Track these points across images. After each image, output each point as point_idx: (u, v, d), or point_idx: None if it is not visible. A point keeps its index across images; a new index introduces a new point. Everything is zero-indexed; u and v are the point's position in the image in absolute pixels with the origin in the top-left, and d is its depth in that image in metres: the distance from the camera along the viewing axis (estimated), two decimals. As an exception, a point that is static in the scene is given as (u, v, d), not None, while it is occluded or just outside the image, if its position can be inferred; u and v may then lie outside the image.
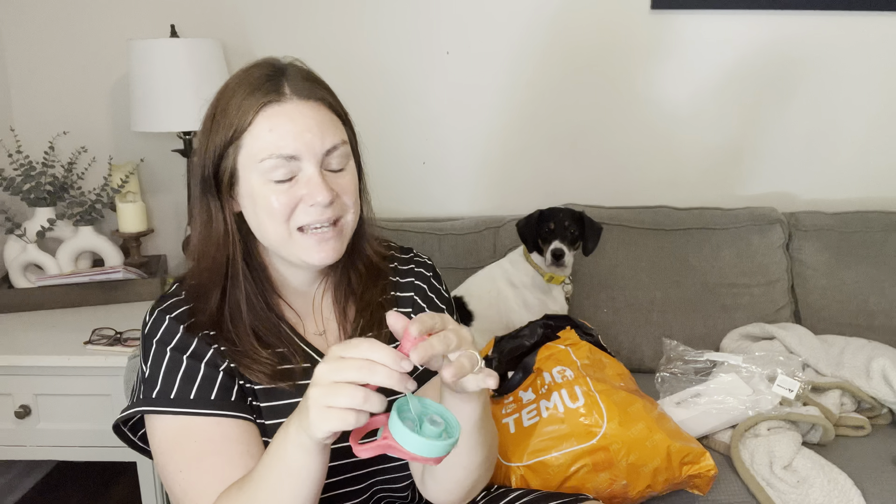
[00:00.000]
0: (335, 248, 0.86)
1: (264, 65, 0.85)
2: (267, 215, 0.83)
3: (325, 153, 0.83)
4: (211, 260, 0.87)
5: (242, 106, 0.82)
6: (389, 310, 0.74)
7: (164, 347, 0.85)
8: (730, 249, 1.87)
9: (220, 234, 0.86)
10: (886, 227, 1.89)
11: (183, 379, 0.83)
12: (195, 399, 0.82)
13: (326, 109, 0.84)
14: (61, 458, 1.61)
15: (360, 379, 0.63)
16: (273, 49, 1.92)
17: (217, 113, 0.84)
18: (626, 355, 1.79)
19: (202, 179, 0.86)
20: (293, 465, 0.70)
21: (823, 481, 1.28)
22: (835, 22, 1.93)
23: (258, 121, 0.81)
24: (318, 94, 0.84)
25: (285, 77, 0.84)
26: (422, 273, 1.02)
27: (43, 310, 1.77)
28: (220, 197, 0.86)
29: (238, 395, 0.85)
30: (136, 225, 1.91)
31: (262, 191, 0.82)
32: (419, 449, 0.63)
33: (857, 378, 1.53)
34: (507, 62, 1.98)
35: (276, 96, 0.82)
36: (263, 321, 0.88)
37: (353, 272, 0.95)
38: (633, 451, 1.20)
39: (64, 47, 1.95)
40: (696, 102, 2.00)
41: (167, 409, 0.82)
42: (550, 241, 1.68)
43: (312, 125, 0.82)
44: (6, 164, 1.87)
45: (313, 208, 0.82)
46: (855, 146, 2.04)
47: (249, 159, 0.82)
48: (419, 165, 2.07)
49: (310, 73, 0.87)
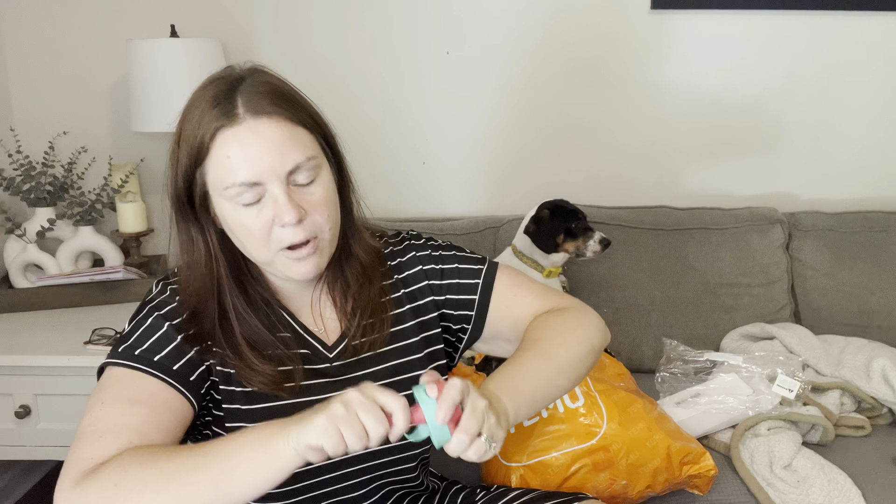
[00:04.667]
0: (315, 264, 0.84)
1: (219, 80, 0.81)
2: (245, 238, 0.82)
3: (289, 173, 0.79)
4: (199, 282, 0.86)
5: (199, 130, 0.79)
6: (391, 310, 0.76)
7: (151, 311, 0.85)
8: (730, 249, 1.87)
9: (203, 257, 0.86)
10: (886, 227, 1.89)
11: (155, 341, 0.82)
12: (157, 362, 0.81)
13: (286, 123, 0.80)
14: (61, 458, 1.59)
15: (371, 430, 0.67)
16: (273, 49, 1.95)
17: (181, 136, 0.81)
18: (626, 355, 1.79)
19: (176, 203, 0.84)
20: (254, 465, 0.68)
21: (823, 481, 1.28)
22: (835, 22, 1.93)
23: (214, 148, 0.79)
24: (274, 107, 0.79)
25: (239, 93, 0.79)
26: (424, 255, 1.00)
27: (43, 310, 1.77)
28: (199, 218, 0.85)
29: (197, 378, 0.83)
30: (136, 225, 1.91)
31: (234, 215, 0.81)
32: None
33: (857, 378, 1.53)
34: (506, 62, 1.98)
35: (228, 120, 0.78)
36: (257, 332, 0.88)
37: (349, 272, 0.94)
38: (633, 451, 1.20)
39: (64, 47, 1.95)
40: (695, 102, 2.00)
41: (129, 362, 0.81)
42: (587, 233, 1.69)
43: (270, 147, 0.78)
44: (6, 164, 1.87)
45: (286, 228, 0.80)
46: (855, 146, 2.04)
47: (215, 185, 0.81)
48: (419, 165, 2.07)
49: (267, 84, 0.81)
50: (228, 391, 0.87)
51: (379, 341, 0.93)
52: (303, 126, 0.82)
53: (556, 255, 1.71)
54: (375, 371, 0.93)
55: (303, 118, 0.82)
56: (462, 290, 0.98)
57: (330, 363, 0.92)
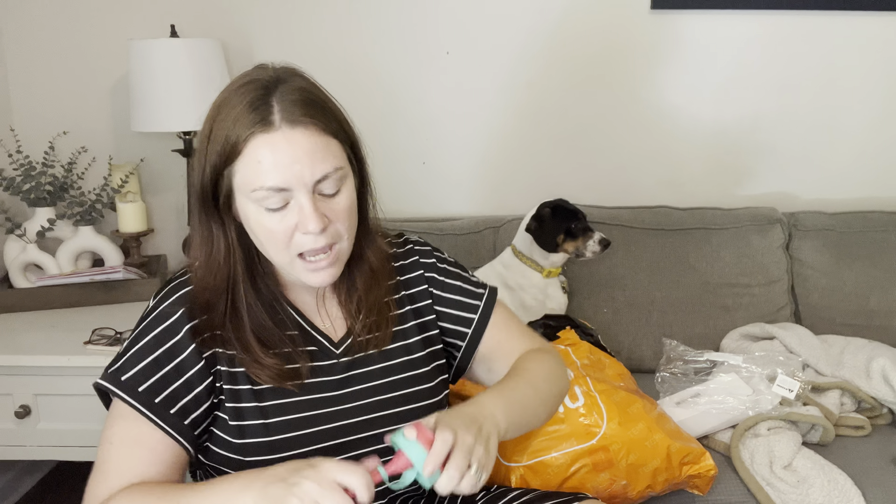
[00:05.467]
0: (331, 274, 0.87)
1: (256, 81, 0.82)
2: (266, 241, 0.85)
3: (317, 182, 0.81)
4: (214, 279, 0.88)
5: (233, 132, 0.80)
6: (394, 310, 0.84)
7: (161, 341, 0.86)
8: (730, 249, 1.87)
9: (222, 254, 0.88)
10: (886, 227, 1.89)
11: (159, 380, 0.85)
12: (158, 405, 0.84)
13: (319, 133, 0.81)
14: (61, 458, 1.61)
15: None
16: (273, 49, 1.95)
17: (211, 134, 0.83)
18: (626, 355, 1.79)
19: (200, 198, 0.86)
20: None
21: (823, 481, 1.28)
22: (835, 22, 1.93)
23: (247, 151, 0.80)
24: (309, 117, 0.81)
25: (275, 98, 0.80)
26: (428, 262, 1.03)
27: (43, 310, 1.77)
28: (220, 214, 0.86)
29: (193, 420, 0.86)
30: (136, 225, 1.91)
31: (257, 217, 0.83)
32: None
33: (857, 378, 1.53)
34: (506, 62, 1.98)
35: (263, 126, 0.79)
36: (266, 327, 0.90)
37: (357, 274, 0.96)
38: (632, 451, 1.20)
39: (64, 47, 1.95)
40: (695, 102, 2.00)
41: (132, 400, 0.84)
42: (587, 233, 1.70)
43: (302, 155, 0.80)
44: (6, 164, 1.87)
45: (307, 235, 0.83)
46: (855, 146, 2.04)
47: (243, 186, 0.82)
48: (419, 165, 2.07)
49: (303, 91, 0.83)
50: (235, 391, 0.88)
51: (382, 340, 0.96)
52: (334, 136, 0.84)
53: (556, 255, 1.71)
54: (381, 368, 0.95)
55: (334, 128, 0.84)
56: (462, 308, 1.02)
57: (337, 359, 0.94)
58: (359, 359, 0.94)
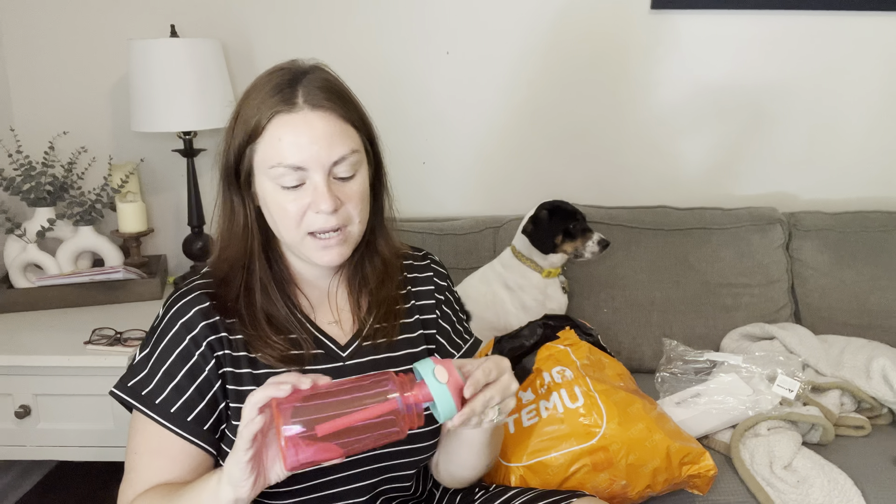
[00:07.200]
0: (340, 253, 0.90)
1: (285, 70, 0.88)
2: (279, 218, 0.88)
3: (333, 164, 0.85)
4: (233, 250, 0.92)
5: (258, 111, 0.85)
6: (402, 318, 0.91)
7: (172, 348, 0.89)
8: (730, 249, 1.87)
9: (241, 227, 0.92)
10: (886, 227, 1.89)
11: (173, 390, 0.88)
12: (174, 414, 0.88)
13: (337, 119, 0.86)
14: (61, 458, 1.61)
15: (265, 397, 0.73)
16: (273, 49, 1.94)
17: (239, 112, 0.88)
18: (626, 355, 1.79)
19: (225, 173, 0.90)
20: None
21: (823, 481, 1.28)
22: (835, 22, 1.93)
23: (269, 129, 0.85)
24: (330, 103, 0.86)
25: (301, 84, 0.86)
26: (442, 284, 1.07)
27: (43, 310, 1.77)
28: (242, 192, 0.91)
29: (212, 424, 0.89)
30: (136, 225, 1.91)
31: (273, 195, 0.87)
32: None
33: (857, 378, 1.53)
34: (506, 62, 1.98)
35: (287, 106, 0.84)
36: (277, 308, 0.92)
37: (368, 266, 0.99)
38: (632, 451, 1.20)
39: (64, 47, 1.96)
40: (695, 102, 2.00)
41: (150, 413, 0.88)
42: (586, 234, 1.70)
43: (320, 136, 0.84)
44: (6, 164, 1.87)
45: (319, 215, 0.86)
46: (855, 146, 2.04)
47: (262, 163, 0.86)
48: (419, 165, 2.07)
49: (327, 81, 0.88)
50: (240, 391, 0.90)
51: (390, 331, 0.98)
52: (352, 124, 0.88)
53: (555, 255, 1.71)
54: (386, 357, 0.97)
55: (353, 117, 0.89)
56: (450, 341, 1.06)
57: (343, 362, 0.95)
58: (365, 349, 0.96)
